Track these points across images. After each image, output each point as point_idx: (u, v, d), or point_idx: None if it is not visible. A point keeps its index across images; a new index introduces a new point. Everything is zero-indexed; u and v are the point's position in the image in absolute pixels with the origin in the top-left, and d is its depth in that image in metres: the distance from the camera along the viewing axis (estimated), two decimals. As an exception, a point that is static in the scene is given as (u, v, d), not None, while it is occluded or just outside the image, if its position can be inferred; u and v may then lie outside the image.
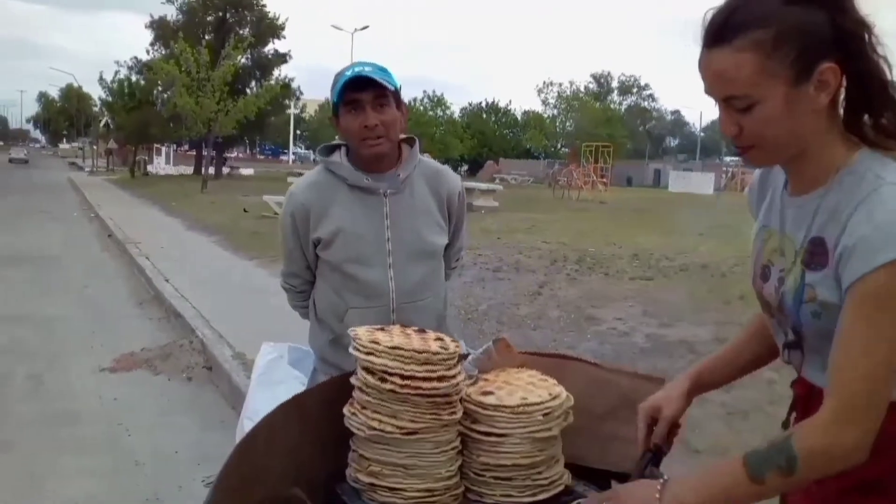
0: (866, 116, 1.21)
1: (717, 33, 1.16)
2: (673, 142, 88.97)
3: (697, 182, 44.15)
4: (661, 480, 1.23)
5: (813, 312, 1.23)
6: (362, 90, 1.99)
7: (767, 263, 1.35)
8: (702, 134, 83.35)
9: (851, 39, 1.16)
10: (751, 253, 1.43)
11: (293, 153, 72.57)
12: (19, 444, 4.09)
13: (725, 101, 1.19)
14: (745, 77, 1.14)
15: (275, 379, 2.48)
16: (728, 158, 61.43)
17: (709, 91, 1.21)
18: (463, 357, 1.54)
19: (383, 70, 2.05)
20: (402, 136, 2.17)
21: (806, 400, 1.33)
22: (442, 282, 2.27)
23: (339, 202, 2.11)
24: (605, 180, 38.62)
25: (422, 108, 54.91)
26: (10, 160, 57.34)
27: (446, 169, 2.29)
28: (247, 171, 46.84)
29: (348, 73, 2.00)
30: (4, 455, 3.91)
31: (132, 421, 4.47)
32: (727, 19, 1.16)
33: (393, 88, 2.02)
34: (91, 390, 5.04)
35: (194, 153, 43.55)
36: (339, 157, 2.13)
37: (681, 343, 5.77)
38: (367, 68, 2.01)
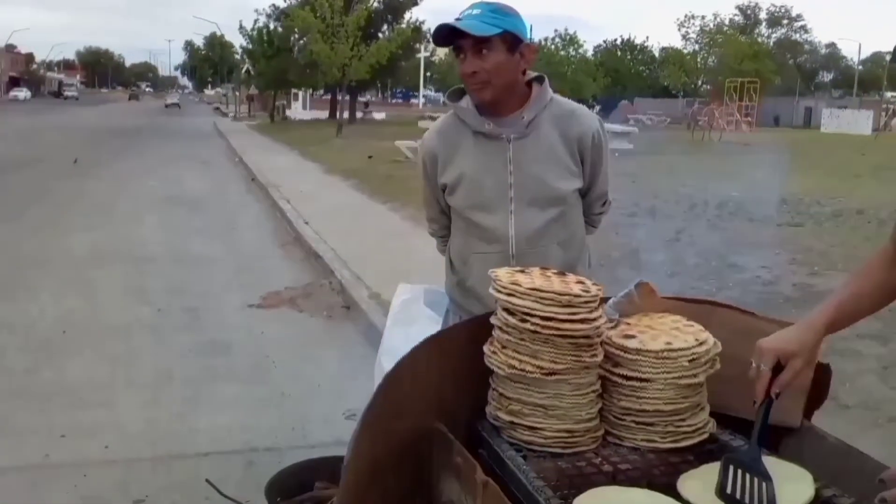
0: None
1: None
2: (827, 76, 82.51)
3: (853, 120, 40.89)
4: None
5: None
6: (461, 37, 1.94)
7: None
8: (860, 67, 76.68)
9: None
10: None
11: (423, 96, 73.10)
12: (179, 371, 4.44)
13: None
14: None
15: (410, 318, 2.54)
16: (890, 94, 56.37)
17: None
18: (604, 300, 1.51)
19: (494, 11, 1.94)
20: (532, 74, 2.09)
21: None
22: (576, 229, 2.19)
23: (463, 148, 2.09)
24: (749, 119, 36.49)
25: (553, 47, 53.54)
26: (166, 105, 68.08)
27: (581, 108, 2.17)
28: (379, 116, 47.73)
29: (445, 22, 1.95)
30: (166, 383, 4.26)
31: (278, 354, 4.74)
32: None
33: (494, 32, 1.91)
34: (241, 324, 5.38)
35: (329, 98, 44.70)
36: (465, 103, 2.09)
37: (831, 293, 5.43)
38: (475, 11, 1.94)
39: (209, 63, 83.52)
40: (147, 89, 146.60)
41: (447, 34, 1.96)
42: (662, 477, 1.33)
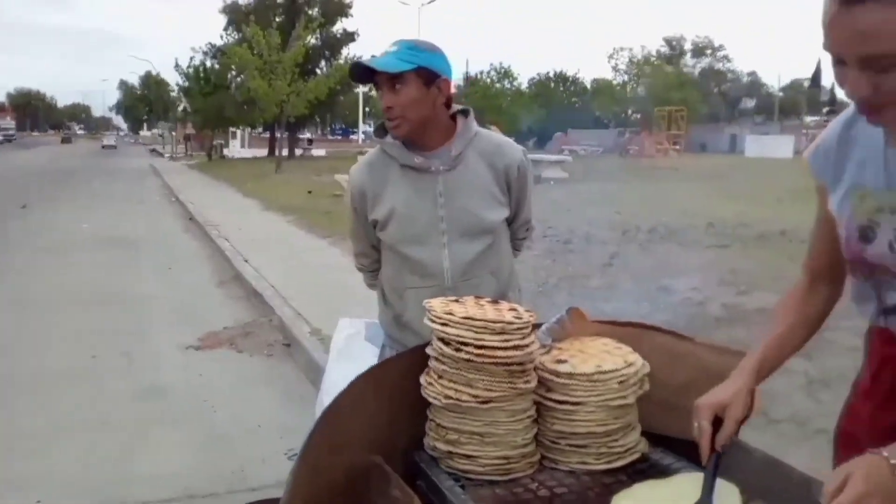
0: None
1: None
2: (750, 103, 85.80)
3: (776, 145, 42.57)
4: (882, 453, 1.11)
5: None
6: (376, 73, 1.99)
7: (869, 224, 1.29)
8: (780, 94, 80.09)
9: None
10: (835, 216, 1.36)
11: (363, 132, 73.30)
12: (113, 418, 4.30)
13: (863, 62, 1.09)
14: (893, 33, 1.05)
15: (352, 354, 2.53)
16: (809, 118, 58.93)
17: (843, 50, 1.11)
18: (536, 326, 1.54)
19: (410, 48, 1.98)
20: (457, 107, 2.12)
21: None
22: (503, 258, 2.21)
23: (392, 182, 2.09)
24: (677, 147, 37.66)
25: (488, 80, 54.51)
26: (103, 147, 70.02)
27: (506, 141, 2.22)
28: (318, 152, 47.65)
29: (352, 64, 2.03)
30: (100, 429, 4.13)
31: (217, 396, 4.65)
32: None
33: (407, 68, 1.95)
34: (178, 367, 5.26)
35: (268, 136, 44.48)
36: (391, 137, 2.11)
37: (759, 312, 5.62)
38: (391, 48, 1.99)
39: (144, 102, 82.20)
40: (79, 131, 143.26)
41: (363, 72, 2.01)
42: (597, 498, 1.36)
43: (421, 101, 2.00)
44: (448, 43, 2.09)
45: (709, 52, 76.34)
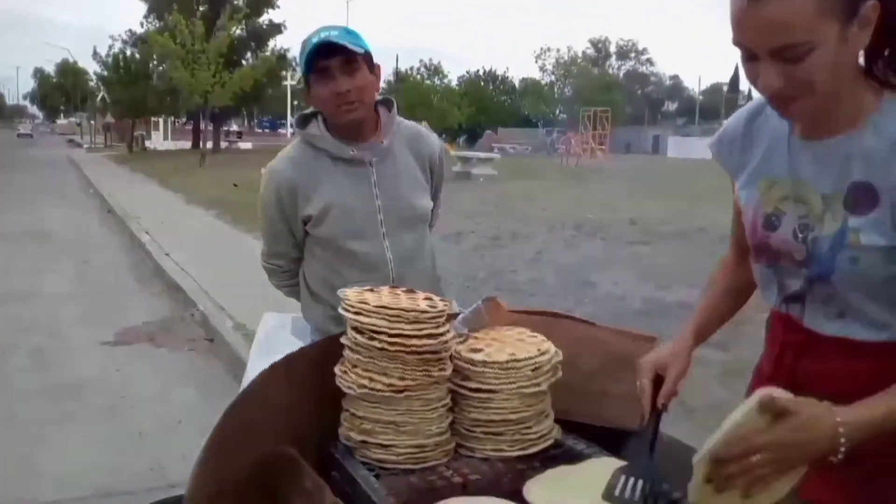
0: (882, 60, 1.19)
1: None
2: (672, 106, 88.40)
3: (696, 147, 43.93)
4: (833, 408, 1.14)
5: (851, 258, 1.22)
6: (330, 57, 1.92)
7: (774, 212, 1.32)
8: (701, 97, 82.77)
9: None
10: (741, 205, 1.41)
11: (291, 125, 72.17)
12: (21, 415, 4.14)
13: (774, 53, 1.10)
14: (803, 22, 1.06)
15: (275, 348, 2.47)
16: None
17: (754, 43, 1.11)
18: (453, 316, 1.55)
19: (351, 33, 1.98)
20: (379, 98, 2.12)
21: (803, 346, 1.36)
22: (430, 244, 2.24)
23: (325, 176, 2.05)
24: (603, 147, 38.48)
25: (419, 76, 54.51)
26: (18, 135, 68.92)
27: (425, 130, 2.24)
28: (245, 145, 46.71)
29: (314, 40, 1.93)
30: (6, 426, 3.96)
31: (135, 393, 4.52)
32: None
33: (362, 51, 1.95)
34: (93, 363, 5.09)
35: (192, 127, 43.38)
36: (317, 129, 2.07)
37: (677, 305, 5.80)
38: (333, 32, 1.94)
39: (61, 91, 78.99)
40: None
41: (315, 54, 1.93)
42: (510, 484, 1.37)
43: (371, 86, 2.00)
44: (377, 37, 2.08)
45: (633, 55, 78.39)
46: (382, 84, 2.12)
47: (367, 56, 1.99)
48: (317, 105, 2.05)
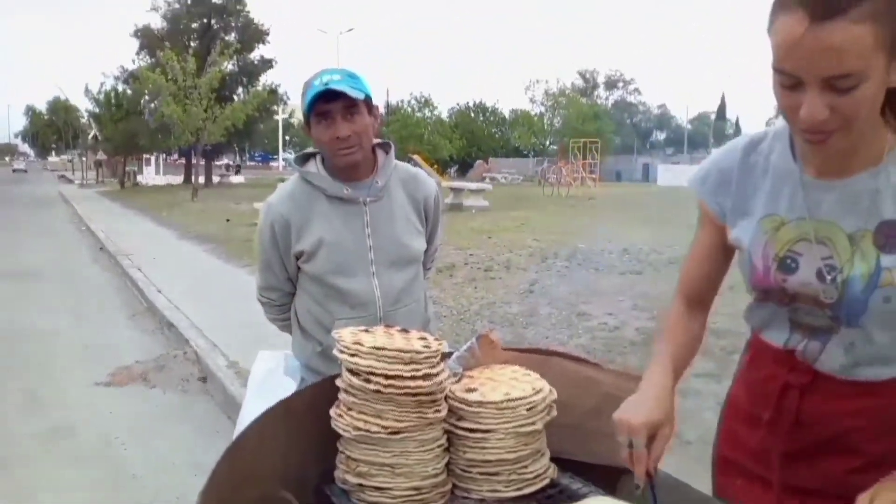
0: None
1: (830, 3, 1.03)
2: (660, 135, 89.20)
3: (685, 175, 44.04)
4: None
5: (885, 297, 1.20)
6: (331, 101, 1.97)
7: (789, 254, 1.29)
8: (688, 127, 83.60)
9: None
10: (744, 246, 1.36)
11: (283, 159, 72.50)
12: (15, 459, 4.09)
13: (826, 82, 1.06)
14: (861, 51, 1.03)
15: (270, 388, 2.48)
16: (715, 150, 61.47)
17: (807, 70, 1.07)
18: (446, 355, 1.56)
19: (353, 77, 2.03)
20: (377, 140, 2.17)
21: (809, 387, 1.34)
22: (422, 285, 2.27)
23: (318, 213, 2.09)
24: (593, 176, 38.71)
25: (409, 109, 54.90)
26: (14, 171, 73.87)
27: (422, 173, 2.28)
28: (237, 179, 46.82)
29: (316, 84, 1.98)
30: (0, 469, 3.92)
31: (128, 434, 4.48)
32: None
33: (363, 97, 2.00)
34: (86, 404, 5.05)
35: (184, 162, 43.48)
36: (315, 167, 2.12)
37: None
38: (335, 77, 1.99)
39: (52, 128, 79.33)
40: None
41: (316, 98, 1.97)
42: (507, 525, 1.38)
43: (369, 129, 2.05)
44: (367, 72, 2.14)
45: (620, 84, 79.22)
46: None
47: (367, 100, 2.04)
48: (317, 145, 2.09)
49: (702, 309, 1.53)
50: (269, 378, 2.50)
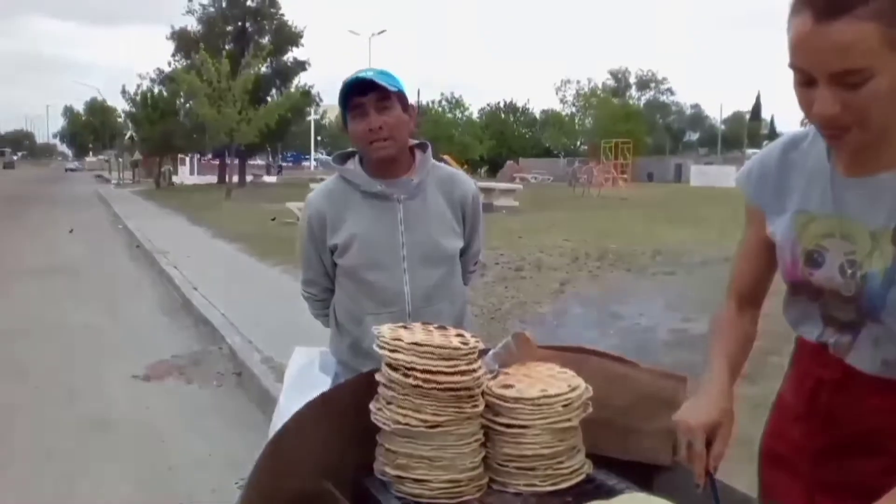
0: None
1: (835, 3, 1.07)
2: (693, 136, 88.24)
3: (719, 176, 43.65)
4: None
5: None
6: (364, 94, 2.01)
7: (816, 248, 1.32)
8: (722, 127, 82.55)
9: None
10: (775, 240, 1.39)
11: (315, 159, 73.09)
12: (57, 450, 4.20)
13: (834, 78, 1.10)
14: (867, 47, 1.07)
15: (306, 384, 2.51)
16: (750, 150, 60.77)
17: (816, 66, 1.11)
18: (483, 352, 1.58)
19: (386, 74, 2.07)
20: (414, 141, 2.20)
21: (839, 383, 1.35)
22: (459, 287, 2.27)
23: (353, 209, 2.13)
24: (625, 177, 38.43)
25: (440, 109, 54.97)
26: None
27: (460, 173, 2.30)
28: (270, 179, 47.32)
29: (350, 79, 2.03)
30: (44, 462, 4.02)
31: (165, 427, 4.57)
32: None
33: (395, 90, 2.04)
34: (124, 398, 5.15)
35: (218, 162, 44.00)
36: (353, 165, 2.16)
37: (703, 336, 5.75)
38: (369, 73, 2.03)
39: (90, 129, 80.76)
40: (13, 157, 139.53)
41: (349, 91, 2.02)
42: (543, 519, 1.39)
43: (404, 124, 2.08)
44: (399, 72, 2.16)
45: (653, 84, 78.43)
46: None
47: (401, 95, 2.07)
48: (353, 141, 2.13)
49: (753, 308, 1.55)
50: (305, 374, 2.54)
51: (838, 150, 1.25)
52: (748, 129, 77.04)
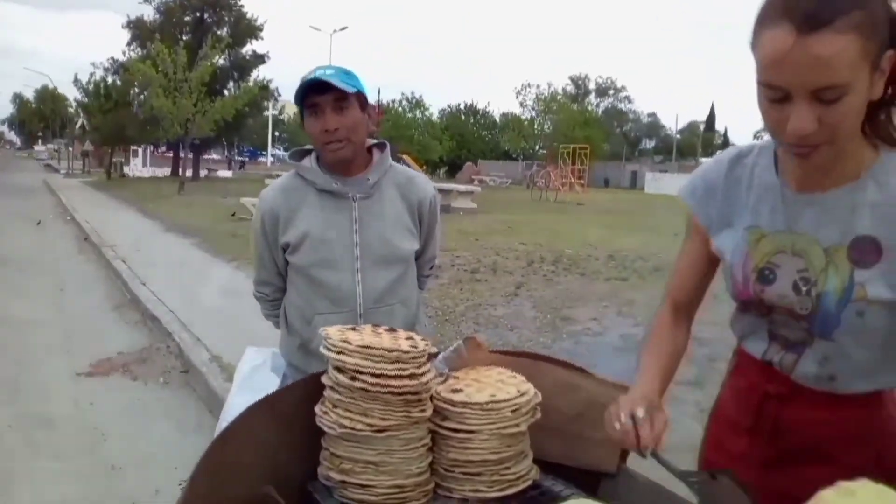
0: (884, 113, 1.19)
1: (816, 15, 1.05)
2: (649, 144, 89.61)
3: (673, 183, 44.42)
4: None
5: (858, 311, 1.22)
6: (321, 93, 1.98)
7: (768, 266, 1.31)
8: (678, 136, 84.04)
9: None
10: (726, 257, 1.38)
11: (272, 155, 72.24)
12: (-7, 448, 4.06)
13: (814, 93, 1.08)
14: (848, 62, 1.05)
15: (256, 385, 2.47)
16: (704, 159, 61.95)
17: (796, 81, 1.08)
18: (433, 356, 1.57)
19: (346, 73, 2.04)
20: (373, 140, 2.17)
21: (787, 397, 1.36)
22: (413, 289, 2.25)
23: (307, 206, 2.10)
24: (582, 182, 38.81)
25: (400, 109, 54.81)
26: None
27: (419, 175, 2.28)
28: (225, 174, 46.60)
29: (309, 77, 2.00)
30: (-22, 460, 3.89)
31: (108, 426, 4.45)
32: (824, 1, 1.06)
33: (354, 91, 2.01)
34: (67, 395, 5.01)
35: (171, 155, 43.23)
36: (309, 162, 2.13)
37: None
38: (328, 71, 2.00)
39: (39, 117, 78.61)
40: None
41: (306, 90, 1.99)
42: (488, 525, 1.38)
43: (361, 125, 2.05)
44: (359, 70, 2.13)
45: (611, 92, 79.45)
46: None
47: (360, 95, 2.04)
48: (310, 140, 2.10)
49: (687, 317, 1.56)
50: (255, 374, 2.50)
51: (805, 166, 1.23)
52: (702, 139, 78.64)
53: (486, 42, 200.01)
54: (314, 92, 1.98)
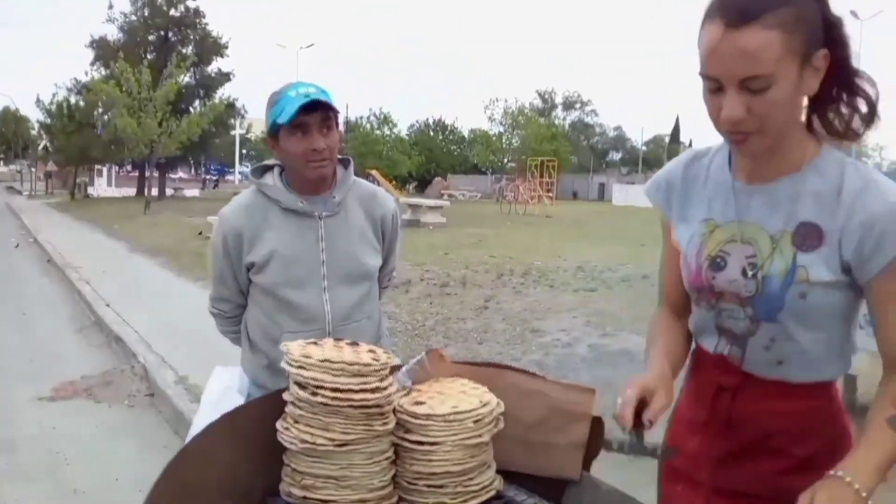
0: (830, 109, 1.30)
1: (745, 11, 1.16)
2: (616, 156, 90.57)
3: (640, 194, 44.92)
4: (838, 475, 1.19)
5: (800, 293, 1.29)
6: (310, 113, 1.97)
7: (719, 254, 1.38)
8: (643, 148, 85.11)
9: (837, 28, 1.24)
10: (683, 248, 1.45)
11: (239, 173, 71.68)
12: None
13: (742, 82, 1.18)
14: (771, 55, 1.16)
15: (224, 404, 2.43)
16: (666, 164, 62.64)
17: (724, 72, 1.19)
18: (396, 368, 1.57)
19: (324, 91, 2.03)
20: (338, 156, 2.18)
21: (739, 388, 1.40)
22: (376, 303, 2.26)
23: (272, 225, 2.08)
24: (550, 194, 39.05)
25: (368, 126, 54.83)
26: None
27: (381, 190, 2.29)
28: (191, 192, 46.19)
29: (292, 96, 1.97)
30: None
31: (72, 450, 4.37)
32: None
33: (337, 111, 2.03)
34: (29, 419, 4.91)
35: (137, 174, 42.74)
36: (272, 179, 2.11)
37: (622, 353, 5.89)
38: (311, 89, 1.99)
39: (1, 139, 77.25)
40: None
41: (304, 108, 1.95)
42: (452, 537, 1.38)
43: (338, 143, 2.06)
44: (327, 87, 2.12)
45: (578, 105, 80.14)
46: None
47: (337, 113, 2.05)
48: (286, 158, 2.06)
49: (685, 314, 1.58)
50: (223, 395, 2.46)
51: (742, 154, 1.33)
52: (668, 151, 79.64)
53: (454, 57, 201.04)
54: (304, 111, 1.96)
